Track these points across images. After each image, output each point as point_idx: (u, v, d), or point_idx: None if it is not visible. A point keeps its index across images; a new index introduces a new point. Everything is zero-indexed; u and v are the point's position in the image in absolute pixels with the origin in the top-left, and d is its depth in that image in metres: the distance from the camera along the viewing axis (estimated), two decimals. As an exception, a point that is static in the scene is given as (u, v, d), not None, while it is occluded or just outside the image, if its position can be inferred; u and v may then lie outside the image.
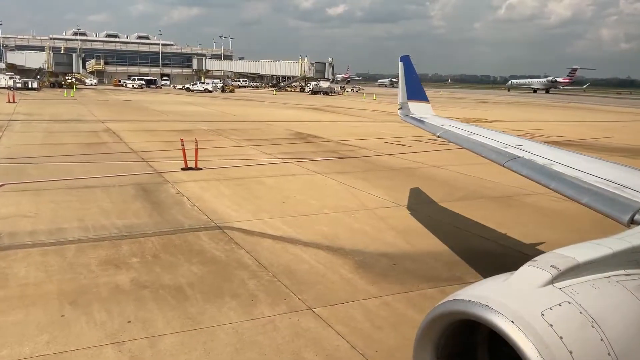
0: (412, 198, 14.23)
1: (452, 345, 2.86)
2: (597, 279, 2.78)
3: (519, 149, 6.92)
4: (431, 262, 9.26)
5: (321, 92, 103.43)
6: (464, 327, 2.73)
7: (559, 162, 6.01)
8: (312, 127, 34.46)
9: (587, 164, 5.88)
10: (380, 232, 10.96)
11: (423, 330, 2.83)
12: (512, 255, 9.74)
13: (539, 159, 6.29)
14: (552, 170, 5.81)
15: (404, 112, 11.08)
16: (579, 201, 5.05)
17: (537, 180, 5.87)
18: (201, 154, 20.77)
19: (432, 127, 9.52)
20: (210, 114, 44.22)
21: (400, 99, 11.44)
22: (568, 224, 12.07)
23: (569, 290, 2.60)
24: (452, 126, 9.31)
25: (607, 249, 2.99)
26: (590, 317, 2.49)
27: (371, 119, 43.57)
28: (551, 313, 2.43)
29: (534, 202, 14.32)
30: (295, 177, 16.94)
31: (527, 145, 7.11)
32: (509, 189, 15.84)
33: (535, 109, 70.19)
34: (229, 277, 8.23)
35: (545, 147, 7.07)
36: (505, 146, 7.17)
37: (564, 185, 5.40)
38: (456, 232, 11.19)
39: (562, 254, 2.84)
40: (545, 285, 2.61)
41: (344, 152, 22.89)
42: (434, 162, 20.41)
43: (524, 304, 2.50)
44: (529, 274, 2.71)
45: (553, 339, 2.33)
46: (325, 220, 11.80)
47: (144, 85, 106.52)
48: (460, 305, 2.62)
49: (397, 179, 17.01)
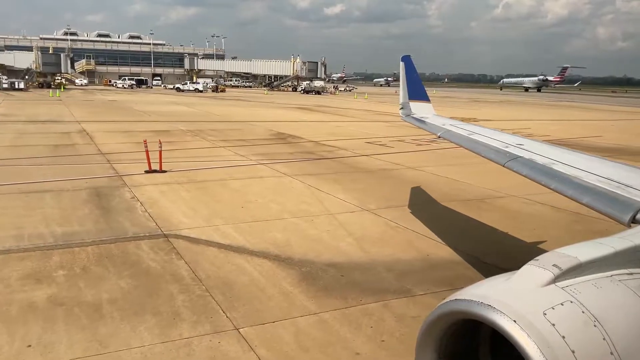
0: (379, 201, 13.62)
1: (454, 345, 2.82)
2: (600, 278, 2.76)
3: (520, 149, 6.83)
4: (382, 273, 8.64)
5: (313, 91, 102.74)
6: (466, 326, 2.71)
7: (560, 161, 5.96)
8: (296, 127, 33.84)
9: (589, 163, 5.81)
10: (336, 240, 10.34)
11: (425, 330, 2.78)
12: (471, 264, 9.13)
13: (540, 159, 6.23)
14: (553, 170, 5.76)
15: (405, 112, 10.98)
16: (580, 201, 5.01)
17: (537, 181, 5.79)
18: (172, 156, 20.18)
19: (433, 127, 9.41)
20: (194, 114, 43.51)
21: (401, 99, 11.33)
22: (535, 227, 11.48)
23: (571, 290, 2.58)
24: (454, 126, 9.16)
25: (610, 248, 2.97)
26: (593, 316, 2.46)
27: (358, 119, 42.95)
28: (553, 312, 2.42)
29: (505, 204, 13.73)
30: (262, 179, 16.31)
31: (529, 144, 7.03)
32: (484, 191, 15.25)
33: (526, 107, 69.74)
34: (157, 291, 7.59)
35: (547, 147, 6.98)
36: (507, 146, 7.07)
37: (565, 185, 5.35)
38: (416, 239, 10.57)
39: (564, 253, 2.82)
40: (548, 284, 2.59)
41: (320, 153, 22.27)
42: (411, 164, 19.81)
43: (526, 303, 2.48)
44: (531, 273, 2.68)
45: (555, 338, 2.31)
46: (281, 226, 11.16)
47: (135, 85, 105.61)
48: (462, 304, 2.59)
49: (369, 182, 16.39)
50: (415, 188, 15.52)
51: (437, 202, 13.78)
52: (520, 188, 15.52)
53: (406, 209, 12.96)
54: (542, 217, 12.55)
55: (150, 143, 19.38)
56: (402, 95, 11.33)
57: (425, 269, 8.85)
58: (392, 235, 10.74)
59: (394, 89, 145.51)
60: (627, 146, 27.82)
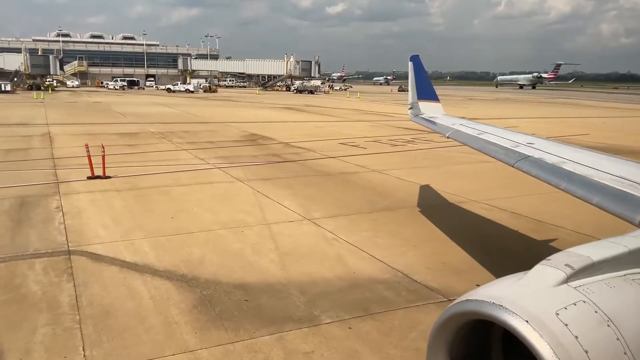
0: (327, 209, 12.60)
1: (465, 346, 2.78)
2: (613, 278, 2.73)
3: (530, 148, 6.68)
4: (294, 296, 7.61)
5: (306, 90, 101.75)
6: (477, 327, 2.66)
7: (572, 160, 5.83)
8: (273, 128, 32.85)
9: (601, 161, 5.66)
10: (258, 255, 9.31)
11: (436, 331, 2.74)
12: (396, 283, 8.10)
13: (550, 158, 6.09)
14: (563, 170, 5.63)
15: (414, 112, 10.91)
16: (590, 201, 4.86)
17: (547, 181, 5.67)
18: (126, 160, 19.23)
19: (442, 128, 9.23)
20: (174, 115, 42.47)
21: (410, 99, 11.25)
22: (489, 236, 10.45)
23: (584, 290, 2.56)
24: (463, 125, 8.98)
25: (623, 247, 2.93)
26: (606, 316, 2.44)
27: (342, 119, 41.91)
28: (566, 312, 2.40)
29: (462, 212, 12.70)
30: (211, 185, 15.28)
31: (539, 143, 6.87)
32: (445, 196, 14.22)
33: (519, 105, 68.61)
34: (21, 323, 6.58)
35: (559, 145, 6.80)
36: (517, 145, 6.91)
37: (575, 185, 5.21)
38: (349, 253, 9.54)
39: (576, 253, 2.80)
40: (560, 284, 2.58)
41: (286, 156, 21.24)
42: (379, 166, 18.78)
43: (539, 303, 2.45)
44: (543, 273, 2.67)
45: (568, 338, 2.29)
46: (204, 239, 10.14)
47: (126, 86, 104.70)
48: (473, 305, 2.56)
49: (324, 186, 15.37)
50: (371, 193, 14.49)
51: (388, 210, 12.75)
52: (484, 192, 14.53)
53: (352, 217, 11.93)
54: (496, 224, 11.51)
55: (110, 147, 18.47)
56: (411, 95, 11.22)
57: (344, 290, 7.83)
58: (324, 250, 9.70)
59: (390, 88, 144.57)
60: (611, 145, 26.71)
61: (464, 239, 10.46)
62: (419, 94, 11.18)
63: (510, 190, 14.99)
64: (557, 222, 11.62)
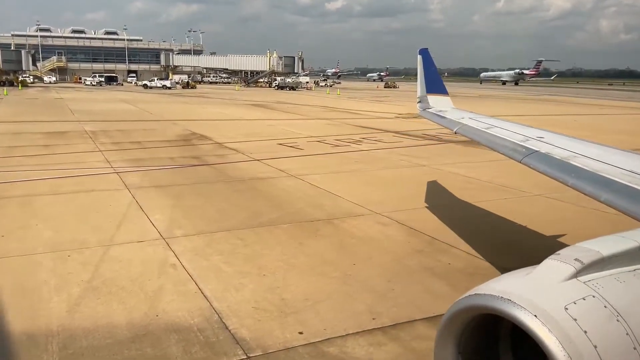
0: (201, 224, 10.84)
1: (473, 341, 2.74)
2: (622, 273, 2.71)
3: (540, 142, 6.51)
4: (46, 354, 5.83)
5: (287, 87, 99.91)
6: (485, 322, 2.64)
7: (582, 154, 5.71)
8: (221, 126, 31.11)
9: (612, 156, 5.51)
10: (57, 291, 7.52)
11: (444, 325, 2.70)
12: (198, 335, 6.34)
13: (560, 152, 5.95)
14: (571, 166, 5.51)
15: (422, 105, 10.89)
16: (598, 199, 4.77)
17: (555, 177, 5.55)
18: (20, 163, 17.48)
19: (449, 122, 9.10)
20: (127, 112, 40.43)
21: (419, 92, 11.28)
22: (354, 262, 8.68)
23: (594, 284, 2.53)
24: (472, 119, 8.79)
25: (633, 242, 2.88)
26: (616, 311, 2.42)
27: (304, 116, 40.13)
28: (575, 307, 2.37)
29: (352, 226, 10.94)
30: (87, 194, 13.43)
31: (550, 137, 6.69)
32: (345, 206, 12.49)
33: (498, 102, 66.93)
34: None
35: (569, 140, 6.55)
36: (525, 139, 6.74)
37: (584, 181, 5.11)
38: (174, 286, 7.75)
39: (586, 247, 2.76)
40: (569, 279, 2.54)
41: (209, 158, 19.44)
42: (300, 170, 17.03)
43: (547, 298, 2.43)
44: (552, 267, 2.63)
45: (577, 333, 2.28)
46: (8, 268, 8.36)
47: (104, 82, 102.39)
48: (481, 299, 2.53)
49: (218, 195, 13.58)
50: (265, 204, 12.71)
51: (271, 225, 10.97)
52: (395, 202, 12.86)
53: (217, 236, 10.14)
54: (379, 245, 9.76)
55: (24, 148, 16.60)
56: (420, 89, 11.22)
57: (123, 344, 6.05)
58: (146, 281, 7.91)
59: (376, 84, 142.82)
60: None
61: (328, 265, 8.71)
62: (427, 87, 11.11)
63: (428, 198, 13.31)
64: (452, 241, 9.92)
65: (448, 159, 19.81)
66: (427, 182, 15.52)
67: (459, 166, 18.31)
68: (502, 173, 17.05)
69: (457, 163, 18.95)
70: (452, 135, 28.53)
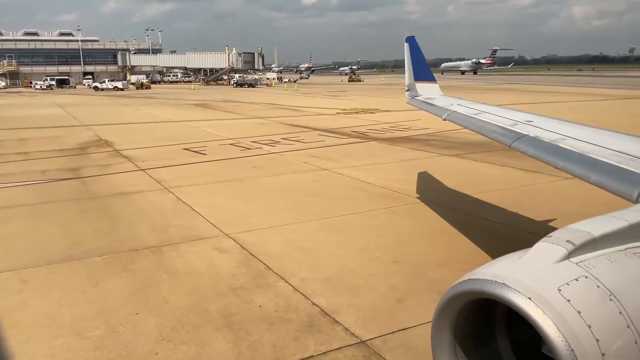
0: None
1: (469, 325, 2.74)
2: (614, 252, 2.71)
3: (528, 126, 6.50)
4: None
5: (246, 84, 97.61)
6: (481, 306, 2.64)
7: (571, 136, 5.68)
8: (136, 130, 29.79)
9: (601, 137, 5.50)
10: None
11: (440, 311, 2.69)
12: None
13: (549, 136, 5.90)
14: (561, 148, 5.45)
15: (411, 94, 10.83)
16: (588, 180, 4.78)
17: (544, 160, 5.51)
18: None
19: (438, 110, 9.03)
20: (51, 118, 37.48)
21: (407, 80, 11.22)
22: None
23: (586, 265, 2.54)
24: (461, 105, 8.73)
25: (623, 221, 2.89)
26: (608, 290, 2.42)
27: (240, 116, 38.14)
28: (568, 288, 2.38)
29: (178, 256, 9.07)
30: None
31: (538, 121, 6.70)
32: (201, 228, 10.62)
33: (454, 92, 65.35)
34: None
35: (557, 123, 6.58)
36: (514, 124, 6.71)
37: (573, 163, 5.08)
38: None
39: (577, 229, 2.75)
40: (561, 260, 2.54)
41: (87, 170, 17.40)
42: (181, 181, 15.13)
43: (540, 280, 2.43)
44: (544, 250, 2.62)
45: (571, 314, 2.27)
46: None
47: (54, 85, 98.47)
48: (476, 284, 2.53)
49: (53, 220, 11.51)
50: (99, 228, 10.75)
51: (83, 258, 9.03)
52: (262, 218, 11.12)
53: (3, 277, 8.20)
54: (191, 283, 7.92)
55: None
56: (408, 76, 11.17)
57: None
58: None
59: (341, 78, 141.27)
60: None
61: (92, 321, 6.82)
62: (415, 75, 11.05)
63: (295, 214, 11.54)
64: (286, 271, 8.15)
65: (356, 161, 18.12)
66: (311, 190, 13.78)
67: (363, 169, 16.63)
68: (405, 175, 15.48)
69: (363, 165, 17.27)
70: (379, 132, 27.12)
